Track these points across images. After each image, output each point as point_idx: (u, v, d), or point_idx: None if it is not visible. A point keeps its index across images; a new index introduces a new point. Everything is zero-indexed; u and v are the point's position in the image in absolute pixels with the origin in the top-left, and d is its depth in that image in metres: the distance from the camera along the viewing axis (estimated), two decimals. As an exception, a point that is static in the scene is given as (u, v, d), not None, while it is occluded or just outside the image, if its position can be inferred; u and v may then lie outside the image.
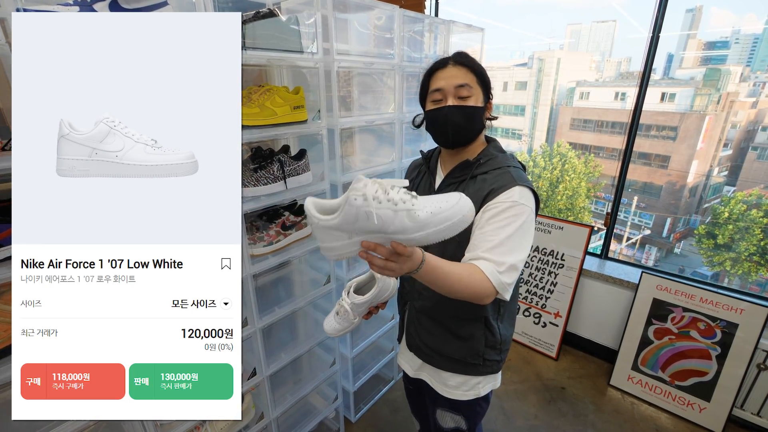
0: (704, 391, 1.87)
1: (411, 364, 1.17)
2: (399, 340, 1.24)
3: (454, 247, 0.89)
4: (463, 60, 0.93)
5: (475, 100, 0.92)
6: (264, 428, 1.46)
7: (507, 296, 0.83)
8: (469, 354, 1.02)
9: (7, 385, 0.88)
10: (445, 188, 0.98)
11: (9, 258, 0.77)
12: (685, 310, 1.91)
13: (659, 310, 1.98)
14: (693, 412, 1.90)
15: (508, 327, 1.05)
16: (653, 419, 1.94)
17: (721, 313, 1.81)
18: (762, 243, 11.71)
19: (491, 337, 1.01)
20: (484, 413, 1.16)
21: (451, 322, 1.01)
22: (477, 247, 0.84)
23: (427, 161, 1.08)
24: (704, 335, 1.86)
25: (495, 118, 1.03)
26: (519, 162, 0.99)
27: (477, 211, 0.86)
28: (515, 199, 0.85)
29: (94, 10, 0.80)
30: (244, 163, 1.25)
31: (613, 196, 2.28)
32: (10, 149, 0.74)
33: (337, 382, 1.77)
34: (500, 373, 1.10)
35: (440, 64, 0.95)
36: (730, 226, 12.34)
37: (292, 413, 1.72)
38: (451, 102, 0.91)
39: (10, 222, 0.76)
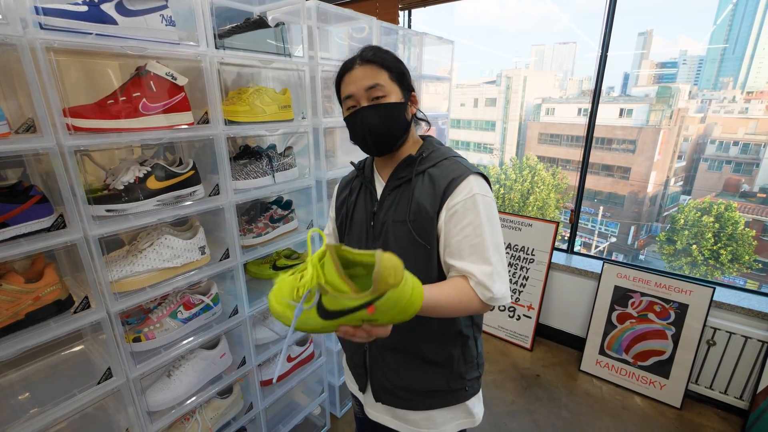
0: (663, 369, 2.03)
1: (385, 415, 0.97)
2: (362, 390, 0.98)
3: (423, 251, 0.82)
4: (370, 56, 0.82)
5: (394, 98, 0.83)
6: (252, 419, 1.49)
7: (504, 302, 0.78)
8: (451, 379, 0.89)
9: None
10: (389, 193, 0.87)
11: (12, 238, 0.82)
12: (643, 294, 2.08)
13: (620, 296, 2.16)
14: (655, 390, 2.05)
15: (478, 334, 0.95)
16: (620, 399, 2.08)
17: (673, 295, 2.00)
18: (715, 247, 12.54)
19: (468, 351, 0.91)
20: None
21: (425, 349, 0.87)
22: (461, 253, 0.78)
23: (361, 171, 0.97)
24: (660, 317, 2.03)
25: (426, 120, 0.94)
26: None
27: (440, 206, 0.80)
28: (475, 191, 0.78)
29: (102, 11, 0.87)
30: (234, 159, 1.32)
31: (575, 198, 2.48)
32: (24, 132, 0.79)
33: (322, 377, 1.81)
34: (481, 392, 0.99)
35: (347, 67, 0.85)
36: (686, 232, 13.17)
37: (279, 409, 1.75)
38: (364, 104, 0.83)
39: (17, 203, 0.82)
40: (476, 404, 0.95)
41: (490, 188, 0.83)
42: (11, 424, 0.87)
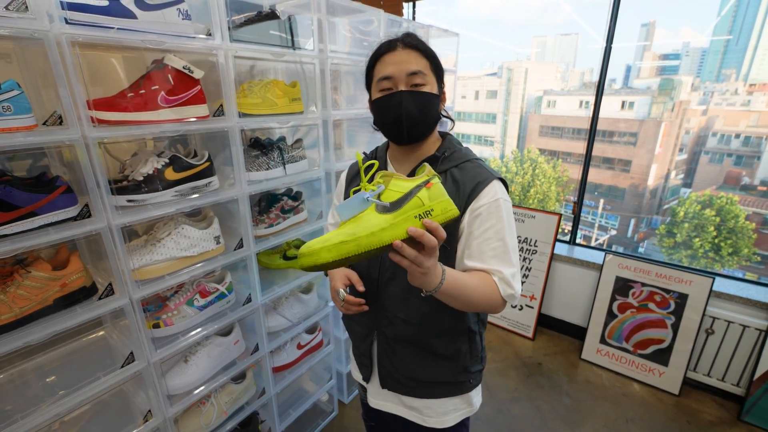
0: (662, 357, 2.08)
1: (390, 402, 1.00)
2: (367, 380, 1.01)
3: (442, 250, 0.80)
4: (414, 42, 0.81)
5: (430, 89, 0.82)
6: (265, 404, 1.54)
7: (517, 301, 0.84)
8: (457, 372, 0.92)
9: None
10: None
11: (42, 227, 0.85)
12: (644, 285, 2.12)
13: (621, 286, 2.20)
14: (654, 377, 2.10)
15: (483, 329, 0.97)
16: (620, 386, 2.13)
17: (673, 285, 2.04)
18: (716, 240, 12.59)
19: (474, 346, 0.93)
20: None
21: (435, 343, 0.89)
22: (482, 256, 0.79)
23: None
24: (660, 306, 2.08)
25: (451, 119, 0.93)
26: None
27: (464, 208, 0.80)
28: (499, 196, 0.80)
29: (122, 5, 0.89)
30: (245, 151, 1.35)
31: (578, 189, 2.51)
32: (52, 124, 0.82)
33: (330, 364, 1.86)
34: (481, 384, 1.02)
35: (388, 47, 0.82)
36: (686, 225, 13.22)
37: (289, 395, 1.79)
38: (402, 88, 0.81)
39: (45, 192, 0.85)
40: (476, 395, 0.99)
41: (507, 189, 0.86)
42: (41, 404, 0.91)
